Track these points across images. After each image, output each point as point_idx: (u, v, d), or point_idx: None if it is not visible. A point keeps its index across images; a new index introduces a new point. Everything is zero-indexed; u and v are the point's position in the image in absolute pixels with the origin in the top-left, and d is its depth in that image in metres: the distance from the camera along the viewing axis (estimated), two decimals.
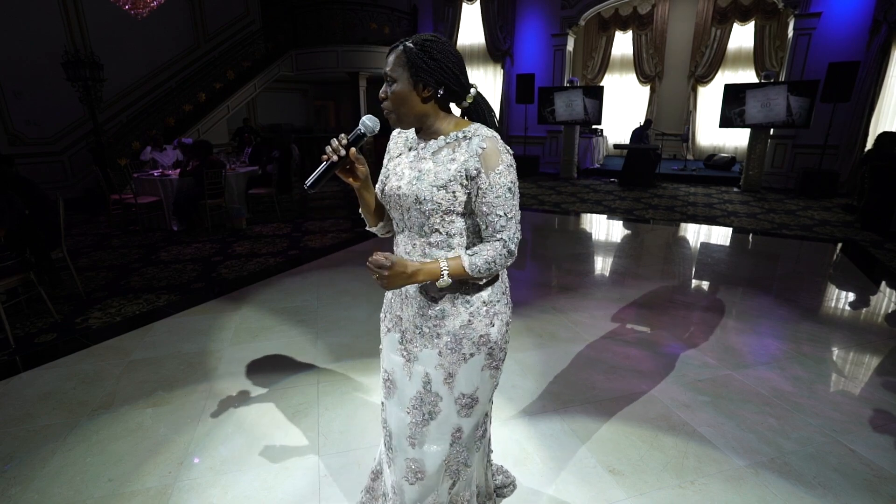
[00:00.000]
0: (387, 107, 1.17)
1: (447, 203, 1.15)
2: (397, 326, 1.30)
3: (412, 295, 1.25)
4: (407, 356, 1.28)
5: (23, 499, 1.84)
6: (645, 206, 7.46)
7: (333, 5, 10.43)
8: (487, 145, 1.12)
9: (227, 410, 2.39)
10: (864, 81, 7.79)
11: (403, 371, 1.29)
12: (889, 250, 5.06)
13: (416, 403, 1.27)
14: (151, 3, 6.49)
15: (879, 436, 2.17)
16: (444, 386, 1.25)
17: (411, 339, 1.27)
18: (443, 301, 1.22)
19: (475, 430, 1.32)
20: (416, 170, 1.18)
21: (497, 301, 1.24)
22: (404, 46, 1.13)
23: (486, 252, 1.14)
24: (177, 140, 8.05)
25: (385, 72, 1.16)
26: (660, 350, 2.98)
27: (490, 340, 1.23)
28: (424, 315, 1.23)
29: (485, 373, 1.26)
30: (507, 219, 1.14)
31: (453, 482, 1.34)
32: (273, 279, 4.31)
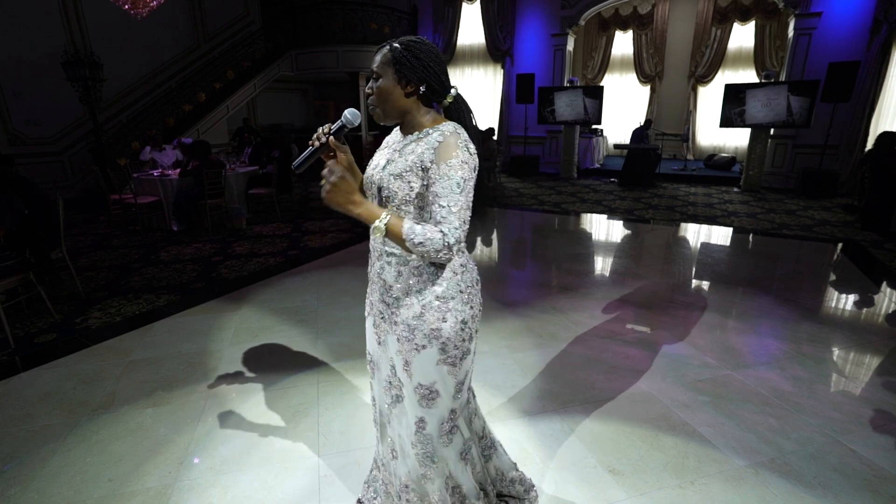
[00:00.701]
0: (372, 101, 1.26)
1: (402, 192, 1.20)
2: (371, 311, 1.42)
3: (375, 280, 1.35)
4: (379, 339, 1.39)
5: (23, 499, 1.84)
6: (645, 206, 7.46)
7: (333, 5, 10.43)
8: (444, 139, 1.18)
9: (227, 410, 2.39)
10: (864, 81, 7.79)
11: (379, 352, 1.40)
12: (889, 250, 5.05)
13: (387, 386, 1.39)
14: (151, 3, 6.49)
15: (879, 436, 2.16)
16: (404, 373, 1.32)
17: (378, 325, 1.38)
18: (398, 290, 1.29)
19: (441, 425, 1.33)
20: (386, 160, 1.28)
21: (452, 298, 1.26)
22: (391, 46, 1.21)
23: (427, 229, 1.13)
24: (176, 140, 8.05)
25: (372, 69, 1.24)
26: (660, 350, 2.98)
27: (442, 335, 1.25)
28: (384, 301, 1.33)
29: (441, 368, 1.27)
30: (450, 211, 1.14)
31: (423, 474, 1.38)
32: (273, 279, 4.31)
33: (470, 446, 1.47)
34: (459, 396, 1.35)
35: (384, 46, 1.23)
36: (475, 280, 1.33)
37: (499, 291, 4.02)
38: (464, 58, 12.16)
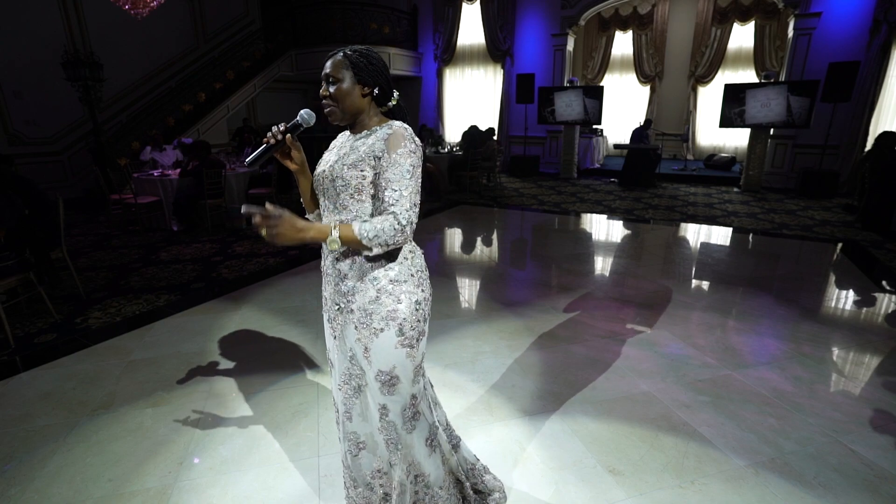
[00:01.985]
0: (329, 103, 1.33)
1: (356, 181, 1.28)
2: (326, 304, 1.46)
3: (330, 273, 1.40)
4: (334, 333, 1.43)
5: (22, 499, 1.84)
6: (645, 206, 7.46)
7: (333, 5, 10.44)
8: (393, 131, 1.28)
9: (227, 410, 2.39)
10: (864, 81, 7.79)
11: (336, 348, 1.43)
12: (889, 250, 5.05)
13: (346, 378, 1.40)
14: (151, 3, 6.49)
15: (879, 436, 2.16)
16: (364, 360, 1.35)
17: (334, 317, 1.42)
18: (352, 278, 1.34)
19: (403, 411, 1.38)
20: (337, 155, 1.36)
21: (405, 281, 1.34)
22: (344, 53, 1.31)
23: (376, 222, 1.21)
24: (177, 140, 8.05)
25: (327, 73, 1.32)
26: (660, 350, 2.98)
27: (398, 316, 1.31)
28: (339, 291, 1.37)
29: (399, 351, 1.33)
30: (401, 195, 1.23)
31: (389, 461, 1.40)
32: (273, 279, 4.31)
33: (436, 432, 1.51)
34: (418, 381, 1.40)
35: (337, 53, 1.32)
36: (424, 265, 1.42)
37: (499, 291, 4.02)
38: (464, 58, 12.16)
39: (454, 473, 1.59)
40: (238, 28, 11.19)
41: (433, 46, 12.12)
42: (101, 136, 8.05)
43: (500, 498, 1.73)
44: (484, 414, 2.34)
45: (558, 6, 10.53)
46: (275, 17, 11.11)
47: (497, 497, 1.72)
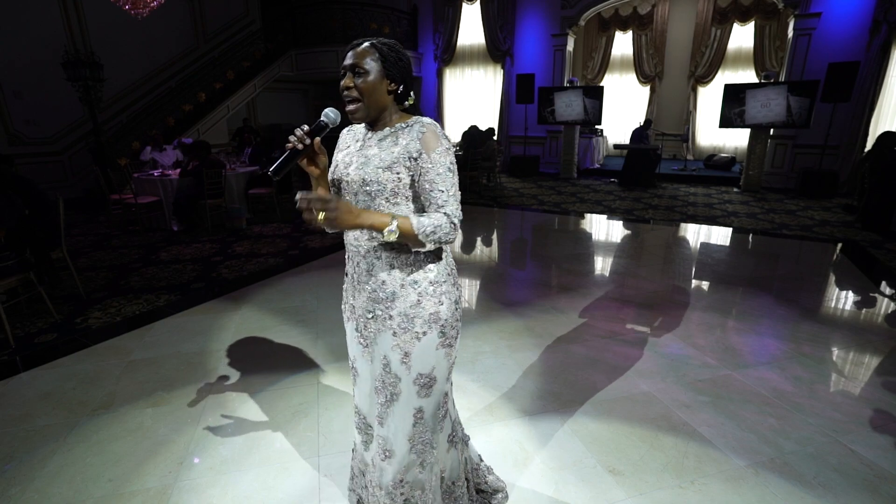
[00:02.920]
0: (354, 96, 1.23)
1: (392, 184, 1.22)
2: (353, 315, 1.40)
3: (364, 281, 1.33)
4: (364, 342, 1.38)
5: (23, 499, 1.84)
6: (645, 206, 7.46)
7: (333, 5, 10.44)
8: (427, 130, 1.23)
9: (227, 410, 2.39)
10: (864, 81, 7.79)
11: (364, 357, 1.39)
12: (889, 250, 5.05)
13: (379, 385, 1.36)
14: (151, 3, 6.48)
15: (879, 436, 2.16)
16: (401, 366, 1.31)
17: (366, 325, 1.36)
18: (392, 284, 1.29)
19: (437, 411, 1.39)
20: (363, 156, 1.27)
21: (444, 282, 1.32)
22: (372, 43, 1.22)
23: (433, 218, 1.19)
24: (177, 140, 8.05)
25: (353, 63, 1.21)
26: (660, 350, 2.98)
27: (441, 318, 1.30)
28: (376, 299, 1.31)
29: (439, 352, 1.32)
30: (449, 195, 1.22)
31: (421, 462, 1.39)
32: (273, 279, 4.31)
33: (457, 430, 1.53)
34: (449, 378, 1.41)
35: (363, 42, 1.23)
36: (454, 263, 1.42)
37: (499, 291, 4.02)
38: (464, 58, 12.16)
39: (465, 472, 1.60)
40: (238, 28, 11.19)
41: (433, 46, 12.12)
42: (102, 136, 8.05)
43: (503, 498, 1.73)
44: (484, 414, 2.34)
45: (558, 6, 10.53)
46: (275, 17, 11.11)
47: (500, 498, 1.72)
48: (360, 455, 1.54)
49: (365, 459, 1.50)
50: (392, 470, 1.38)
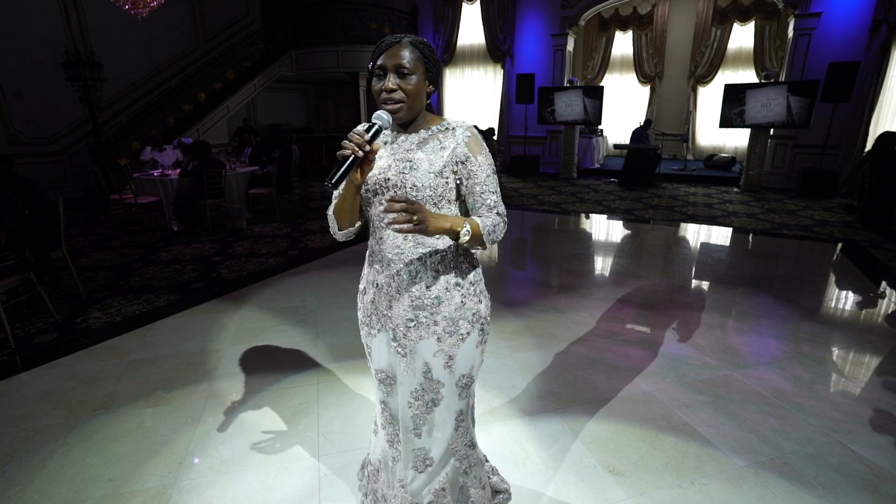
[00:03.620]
0: (399, 98, 1.16)
1: (441, 188, 1.22)
2: (386, 326, 1.33)
3: (404, 289, 1.28)
4: (403, 351, 1.32)
5: (23, 499, 1.84)
6: (645, 206, 7.46)
7: (333, 5, 10.44)
8: (471, 134, 1.24)
9: (227, 410, 2.39)
10: (864, 81, 7.79)
11: (402, 366, 1.33)
12: (889, 250, 5.05)
13: (418, 395, 1.33)
14: (151, 3, 6.49)
15: (879, 436, 2.16)
16: (444, 371, 1.31)
17: (405, 334, 1.30)
18: (437, 289, 1.28)
19: (472, 410, 1.44)
20: (404, 160, 1.22)
21: (479, 280, 1.36)
22: (412, 42, 1.17)
23: (490, 218, 1.22)
24: (177, 140, 8.05)
25: (399, 63, 1.14)
26: (660, 350, 2.98)
27: (481, 316, 1.34)
28: (420, 306, 1.28)
29: (478, 349, 1.36)
30: (498, 195, 1.26)
31: (465, 470, 1.41)
32: (273, 279, 4.31)
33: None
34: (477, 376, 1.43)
35: (401, 40, 1.16)
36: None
37: (499, 291, 4.02)
38: (464, 58, 12.16)
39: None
40: (238, 28, 11.19)
41: (433, 46, 12.12)
42: (102, 136, 8.06)
43: (505, 499, 1.73)
44: (484, 414, 2.34)
45: (558, 6, 10.53)
46: (275, 17, 11.11)
47: (502, 498, 1.72)
48: (385, 472, 1.47)
49: (392, 480, 1.44)
50: (425, 478, 1.37)
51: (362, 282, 1.41)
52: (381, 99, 1.17)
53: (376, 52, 1.17)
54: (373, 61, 1.18)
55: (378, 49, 1.17)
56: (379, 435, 1.48)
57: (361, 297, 1.40)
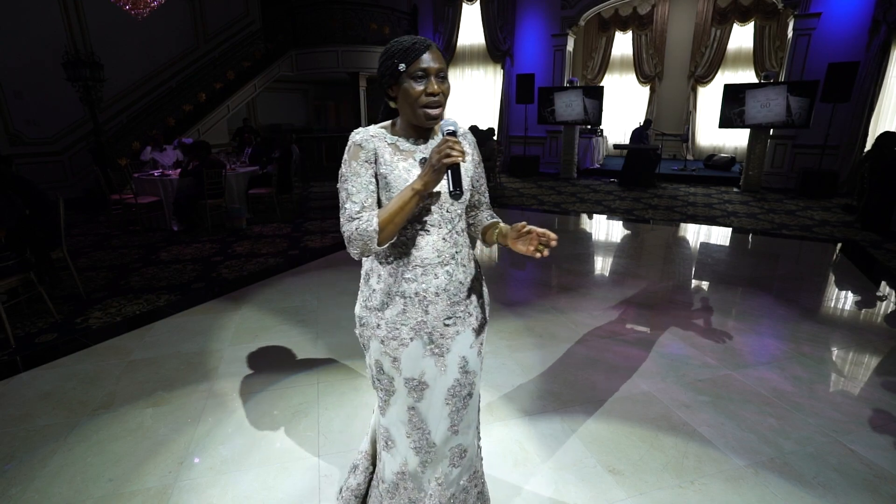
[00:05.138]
0: (441, 101, 1.19)
1: (470, 192, 1.34)
2: (421, 331, 1.27)
3: (443, 289, 1.26)
4: (438, 351, 1.29)
5: (23, 498, 1.84)
6: (645, 206, 7.46)
7: (333, 5, 10.44)
8: (471, 137, 1.35)
9: (227, 410, 2.39)
10: (863, 81, 7.79)
11: (437, 368, 1.30)
12: (888, 250, 5.06)
13: (455, 391, 1.33)
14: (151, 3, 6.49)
15: (879, 436, 2.17)
16: (477, 360, 1.36)
17: (442, 334, 1.28)
18: (467, 283, 1.32)
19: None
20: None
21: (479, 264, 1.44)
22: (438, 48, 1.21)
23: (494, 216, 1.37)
24: (177, 140, 8.05)
25: (439, 67, 1.16)
26: (660, 350, 2.98)
27: (487, 298, 1.45)
28: (457, 302, 1.30)
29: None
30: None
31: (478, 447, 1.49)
32: (273, 279, 4.31)
33: None
34: None
35: (432, 44, 1.17)
36: None
37: (499, 291, 4.02)
38: (464, 58, 12.16)
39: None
40: (238, 28, 11.19)
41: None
42: (102, 137, 8.06)
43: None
44: (484, 414, 2.34)
45: (558, 6, 10.54)
46: (275, 17, 11.11)
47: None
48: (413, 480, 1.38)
49: (422, 485, 1.37)
50: (460, 470, 1.40)
51: (375, 297, 1.28)
52: (423, 102, 1.16)
53: (411, 53, 1.13)
54: (404, 62, 1.14)
55: (411, 51, 1.14)
56: (398, 447, 1.37)
57: (376, 313, 1.28)
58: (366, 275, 1.34)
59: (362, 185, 1.19)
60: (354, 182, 1.20)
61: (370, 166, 1.20)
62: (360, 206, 1.18)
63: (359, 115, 11.59)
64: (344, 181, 1.22)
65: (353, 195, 1.19)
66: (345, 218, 1.19)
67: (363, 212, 1.17)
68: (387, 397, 1.35)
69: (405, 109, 1.20)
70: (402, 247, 1.25)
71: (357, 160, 1.20)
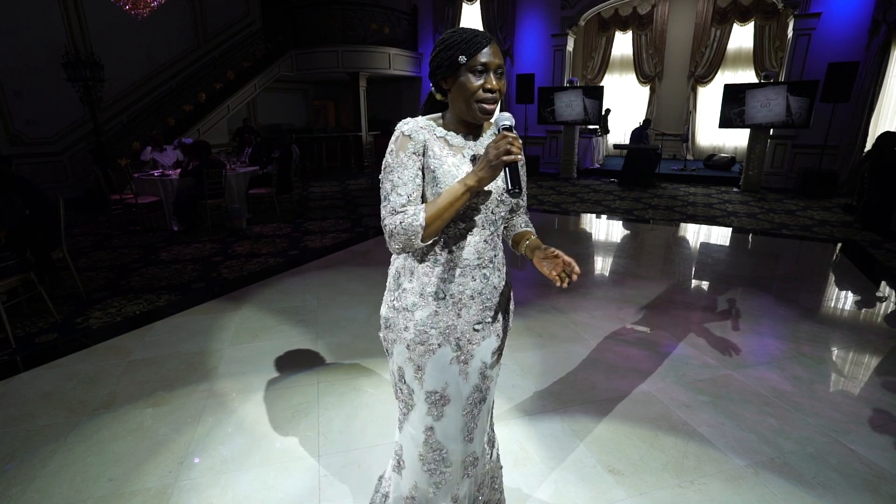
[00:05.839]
0: (498, 98, 1.13)
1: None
2: (450, 337, 1.22)
3: (478, 293, 1.22)
4: (464, 359, 1.24)
5: (23, 498, 1.84)
6: (645, 206, 7.46)
7: (333, 5, 10.44)
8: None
9: (227, 410, 2.39)
10: (863, 81, 7.79)
11: (459, 377, 1.24)
12: (888, 250, 5.06)
13: (474, 399, 1.28)
14: (152, 3, 6.50)
15: (879, 436, 2.17)
16: (496, 365, 1.32)
17: (469, 340, 1.23)
18: (500, 286, 1.27)
19: None
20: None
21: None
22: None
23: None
24: (177, 140, 8.05)
25: (499, 63, 1.11)
26: (660, 350, 2.98)
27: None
28: (489, 307, 1.25)
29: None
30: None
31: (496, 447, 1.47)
32: (273, 279, 4.31)
33: None
34: None
35: (492, 39, 1.12)
36: None
37: None
38: None
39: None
40: (238, 28, 11.19)
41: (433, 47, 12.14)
42: (102, 137, 8.06)
43: None
44: None
45: (558, 6, 10.54)
46: (275, 17, 11.12)
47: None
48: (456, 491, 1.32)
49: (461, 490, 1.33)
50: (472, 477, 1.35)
51: (405, 297, 1.22)
52: (480, 97, 1.10)
53: (472, 45, 1.08)
54: (465, 54, 1.08)
55: (473, 43, 1.09)
56: (408, 470, 1.32)
57: (405, 314, 1.22)
58: (396, 274, 1.26)
59: (409, 177, 1.13)
60: (401, 173, 1.13)
61: (418, 159, 1.14)
62: (406, 199, 1.12)
63: (359, 114, 11.59)
64: (389, 172, 1.14)
65: (398, 187, 1.12)
66: (387, 211, 1.12)
67: (409, 205, 1.11)
68: (406, 410, 1.29)
69: (458, 103, 1.13)
70: (443, 246, 1.18)
71: (405, 151, 1.13)
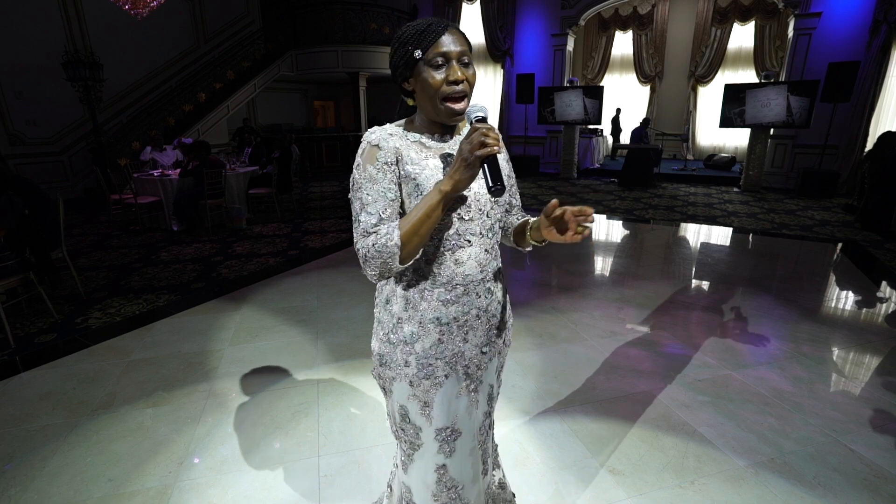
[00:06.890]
0: (466, 90, 0.98)
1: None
2: (457, 365, 1.09)
3: (484, 310, 1.10)
4: (473, 387, 1.12)
5: (23, 499, 1.84)
6: (645, 206, 7.46)
7: (333, 5, 10.44)
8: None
9: (227, 410, 2.39)
10: (864, 81, 7.79)
11: (470, 407, 1.12)
12: (889, 250, 5.05)
13: (484, 426, 1.18)
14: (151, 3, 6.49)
15: (879, 436, 2.16)
16: (499, 385, 1.25)
17: (478, 365, 1.12)
18: (501, 301, 1.16)
19: None
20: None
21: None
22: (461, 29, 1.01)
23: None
24: (177, 140, 8.05)
25: (462, 50, 0.97)
26: (660, 350, 2.98)
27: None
28: (494, 325, 1.13)
29: None
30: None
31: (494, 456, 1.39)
32: (273, 279, 4.31)
33: None
34: None
35: (451, 26, 0.98)
36: None
37: None
38: None
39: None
40: (238, 28, 11.19)
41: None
42: (102, 137, 8.06)
43: None
44: None
45: (558, 6, 10.54)
46: (275, 17, 11.11)
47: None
48: None
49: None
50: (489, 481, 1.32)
51: (402, 329, 1.07)
52: (445, 93, 0.96)
53: (427, 36, 0.95)
54: (419, 48, 0.95)
55: (427, 34, 0.95)
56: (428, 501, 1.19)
57: (403, 347, 1.07)
58: (386, 301, 1.10)
59: (380, 192, 0.98)
60: (370, 189, 0.98)
61: (389, 169, 0.99)
62: (378, 218, 0.97)
63: (359, 114, 11.59)
64: (357, 189, 0.99)
65: (368, 205, 0.97)
66: (359, 233, 0.98)
67: (381, 224, 0.96)
68: (411, 451, 1.13)
69: (424, 104, 1.00)
70: (439, 263, 1.04)
71: (373, 163, 0.98)
